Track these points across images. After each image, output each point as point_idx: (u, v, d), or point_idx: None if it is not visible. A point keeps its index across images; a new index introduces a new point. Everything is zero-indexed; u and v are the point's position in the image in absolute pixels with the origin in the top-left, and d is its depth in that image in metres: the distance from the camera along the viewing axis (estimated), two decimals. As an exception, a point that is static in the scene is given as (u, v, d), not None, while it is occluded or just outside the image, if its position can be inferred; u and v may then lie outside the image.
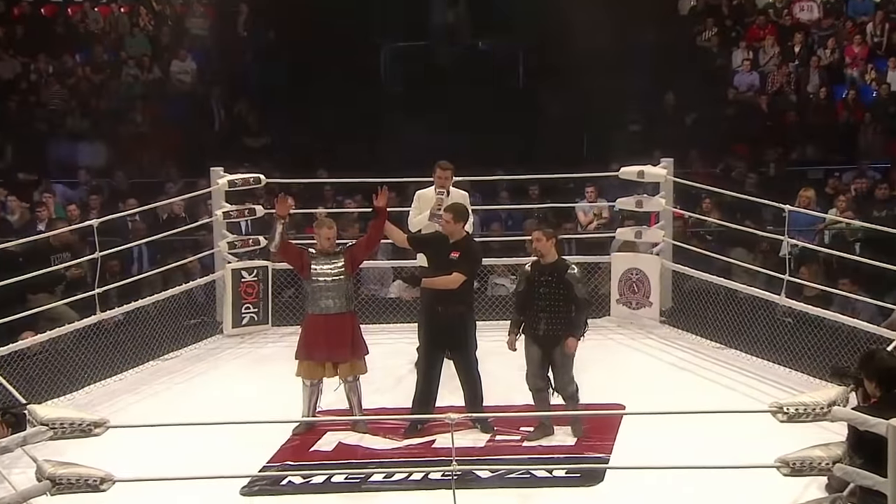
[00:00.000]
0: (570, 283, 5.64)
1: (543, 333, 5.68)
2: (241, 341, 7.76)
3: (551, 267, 5.69)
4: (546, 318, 5.66)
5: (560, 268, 5.69)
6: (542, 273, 5.71)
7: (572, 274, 5.69)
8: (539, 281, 5.70)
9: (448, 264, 5.89)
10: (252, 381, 6.89)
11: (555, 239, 5.72)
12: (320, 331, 5.89)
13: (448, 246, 5.96)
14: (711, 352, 7.32)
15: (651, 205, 7.96)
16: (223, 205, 7.92)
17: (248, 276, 7.88)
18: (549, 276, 5.67)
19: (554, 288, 5.65)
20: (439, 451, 5.64)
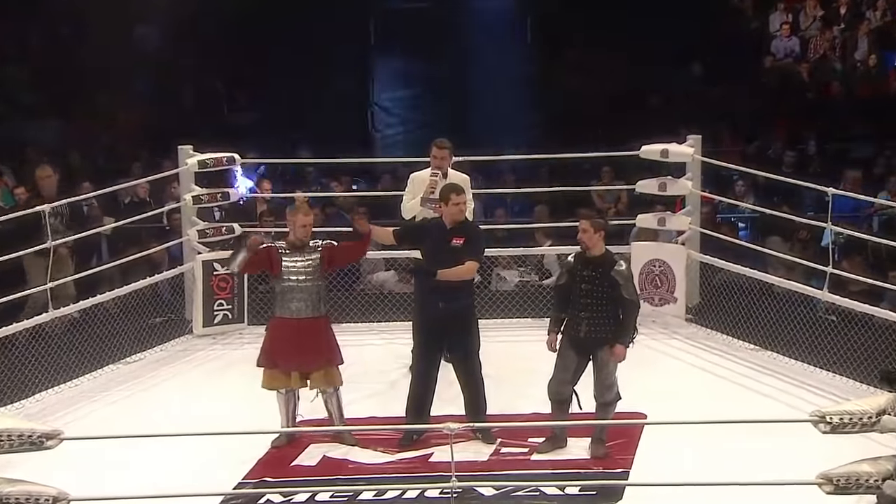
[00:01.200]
0: (615, 282, 5.55)
1: (585, 335, 5.61)
2: (214, 342, 7.75)
3: (597, 261, 5.61)
4: (588, 318, 5.58)
5: (606, 263, 5.60)
6: (586, 267, 5.64)
7: (620, 271, 5.55)
8: (582, 276, 5.63)
9: (452, 253, 5.87)
10: (225, 387, 6.87)
11: (603, 231, 5.66)
12: (288, 336, 5.82)
13: (447, 232, 5.96)
14: (744, 354, 7.31)
15: (676, 188, 7.94)
16: (192, 188, 7.89)
17: (222, 269, 7.85)
18: (594, 270, 5.59)
19: (598, 285, 5.57)
20: (437, 465, 5.63)
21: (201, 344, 7.72)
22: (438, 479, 5.32)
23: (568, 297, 5.67)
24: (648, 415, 6.17)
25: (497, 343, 7.55)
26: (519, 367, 6.84)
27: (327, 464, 5.76)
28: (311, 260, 5.87)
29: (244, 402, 6.54)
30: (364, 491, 5.39)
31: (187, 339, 7.77)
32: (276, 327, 5.92)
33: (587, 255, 5.64)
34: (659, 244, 8.00)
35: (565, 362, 5.65)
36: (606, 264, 5.60)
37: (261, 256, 5.86)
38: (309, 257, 5.87)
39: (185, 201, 7.86)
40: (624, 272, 5.61)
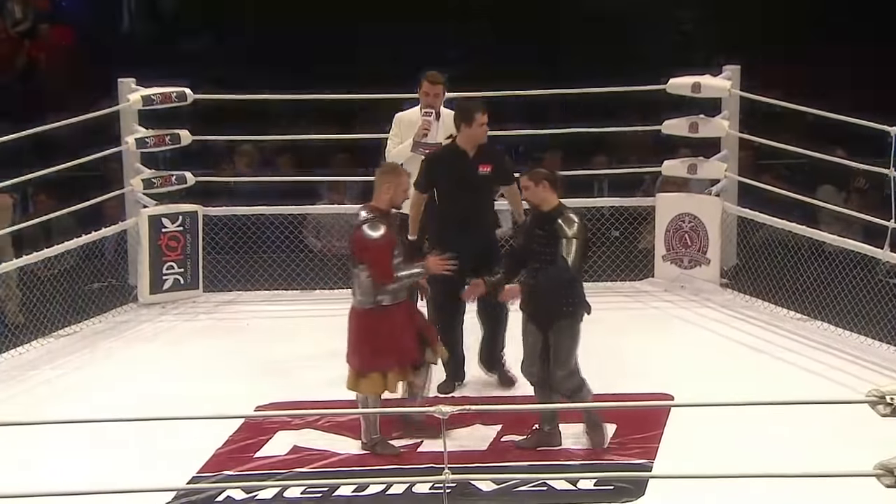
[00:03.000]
0: (556, 237, 5.50)
1: (530, 305, 5.62)
2: (163, 312, 7.74)
3: (547, 217, 5.58)
4: (532, 283, 5.59)
5: (551, 217, 5.56)
6: (536, 224, 5.66)
7: (560, 225, 5.48)
8: (533, 235, 5.66)
9: (482, 184, 6.17)
10: (177, 366, 6.87)
11: (547, 182, 5.59)
12: None
13: (471, 160, 6.14)
14: (790, 325, 7.32)
15: (710, 129, 7.91)
16: (136, 129, 7.83)
17: (171, 226, 7.82)
18: (542, 228, 5.59)
19: (548, 245, 5.54)
20: (427, 455, 5.63)
21: (148, 314, 7.70)
22: (429, 472, 5.32)
23: (522, 260, 5.68)
24: (676, 396, 6.18)
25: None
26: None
27: (298, 454, 5.76)
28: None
29: (199, 382, 6.55)
30: (342, 486, 5.39)
31: (131, 309, 7.75)
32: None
33: (538, 212, 5.64)
34: (689, 195, 7.99)
35: (526, 339, 5.68)
36: (551, 220, 5.56)
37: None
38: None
39: (127, 145, 7.80)
40: (564, 227, 5.49)
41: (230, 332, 7.40)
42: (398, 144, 6.78)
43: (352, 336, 5.73)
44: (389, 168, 5.90)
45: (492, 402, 6.08)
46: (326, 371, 6.44)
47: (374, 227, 5.60)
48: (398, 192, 5.72)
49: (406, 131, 6.76)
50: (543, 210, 5.60)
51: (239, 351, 7.04)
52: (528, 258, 5.68)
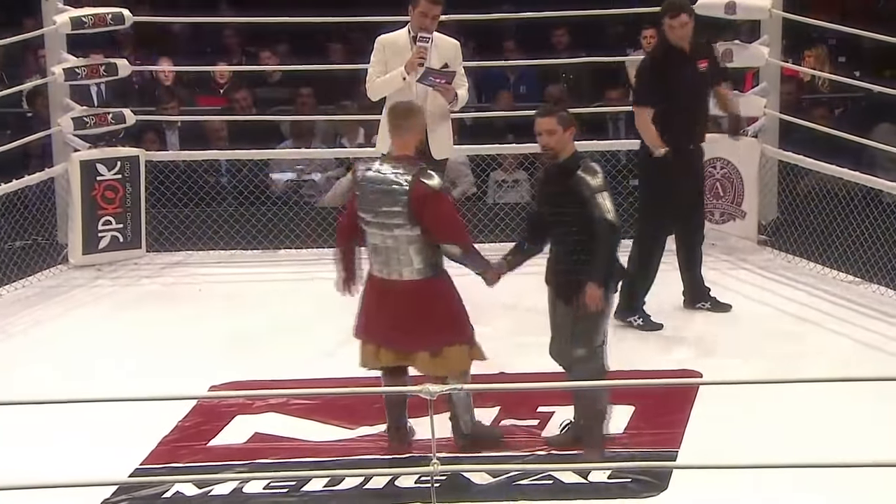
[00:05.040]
0: (580, 194, 5.43)
1: (559, 279, 5.59)
2: (98, 275, 7.77)
3: (561, 171, 5.51)
4: (559, 252, 5.56)
5: (569, 169, 5.49)
6: (549, 180, 5.61)
7: (582, 178, 5.41)
8: (545, 195, 5.63)
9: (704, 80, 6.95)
10: (116, 338, 6.90)
11: (574, 128, 5.57)
12: (374, 300, 5.58)
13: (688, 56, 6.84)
14: (839, 289, 7.37)
15: (746, 57, 7.91)
16: (64, 57, 7.81)
17: (108, 173, 7.83)
18: (557, 184, 5.53)
19: (564, 204, 5.48)
20: (412, 443, 5.66)
21: (81, 277, 7.73)
22: (414, 462, 5.37)
23: (544, 227, 5.63)
24: (704, 374, 6.24)
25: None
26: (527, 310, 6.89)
27: (260, 442, 5.80)
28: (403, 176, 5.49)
29: (143, 358, 6.58)
30: (312, 479, 5.43)
31: (61, 271, 7.78)
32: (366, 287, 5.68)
33: (550, 164, 5.58)
34: (721, 137, 7.99)
35: (554, 317, 5.66)
36: (571, 172, 5.48)
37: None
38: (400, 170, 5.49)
39: (55, 76, 7.79)
40: (587, 179, 5.43)
41: (179, 299, 7.44)
42: (382, 73, 6.79)
43: (414, 314, 5.49)
44: (408, 109, 5.70)
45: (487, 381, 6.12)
46: (293, 345, 6.50)
47: (431, 177, 5.45)
48: (419, 137, 5.63)
49: (392, 58, 6.76)
50: (558, 161, 5.55)
51: (189, 321, 7.07)
52: (549, 223, 5.59)
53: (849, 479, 4.95)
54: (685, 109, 6.80)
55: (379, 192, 5.46)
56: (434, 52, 6.74)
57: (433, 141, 6.87)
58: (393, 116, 5.70)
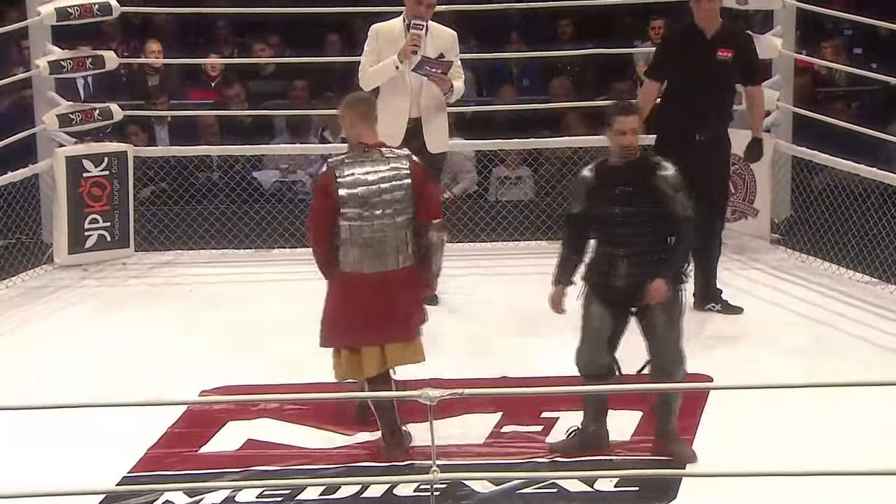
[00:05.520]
0: (664, 194, 5.45)
1: (626, 282, 5.53)
2: (85, 276, 7.78)
3: (636, 168, 5.48)
4: (630, 255, 5.50)
5: (648, 168, 5.50)
6: (620, 180, 5.50)
7: (667, 177, 5.45)
8: (614, 195, 5.49)
9: (719, 70, 6.71)
10: (103, 341, 6.90)
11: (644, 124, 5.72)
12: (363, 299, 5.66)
13: (710, 43, 6.72)
14: (856, 290, 7.37)
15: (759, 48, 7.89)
16: (50, 49, 7.81)
17: (95, 170, 7.83)
18: (632, 184, 5.47)
19: (641, 204, 5.46)
20: (412, 450, 5.66)
21: (67, 278, 7.73)
22: (413, 470, 5.37)
23: (586, 231, 5.61)
24: (715, 378, 6.21)
25: (501, 277, 7.62)
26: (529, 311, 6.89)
27: (253, 448, 5.80)
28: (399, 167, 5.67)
29: (131, 361, 6.57)
30: (307, 488, 5.43)
31: (46, 271, 7.79)
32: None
33: (620, 163, 5.51)
34: (733, 131, 7.96)
35: (596, 323, 5.58)
36: (648, 170, 5.50)
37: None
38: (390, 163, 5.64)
39: (39, 69, 7.79)
40: (672, 177, 5.50)
41: (168, 300, 7.43)
42: (376, 62, 6.81)
43: (407, 301, 5.66)
44: (370, 98, 5.87)
45: (489, 385, 6.11)
46: (287, 348, 6.48)
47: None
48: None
49: (386, 47, 6.79)
50: (630, 160, 5.47)
51: (179, 323, 7.07)
52: (602, 226, 5.52)
53: (863, 487, 4.94)
54: (690, 94, 6.75)
55: (379, 184, 5.54)
56: (429, 41, 6.76)
57: (428, 133, 6.90)
58: (363, 106, 5.70)
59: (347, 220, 5.54)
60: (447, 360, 6.46)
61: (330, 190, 5.55)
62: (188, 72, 9.51)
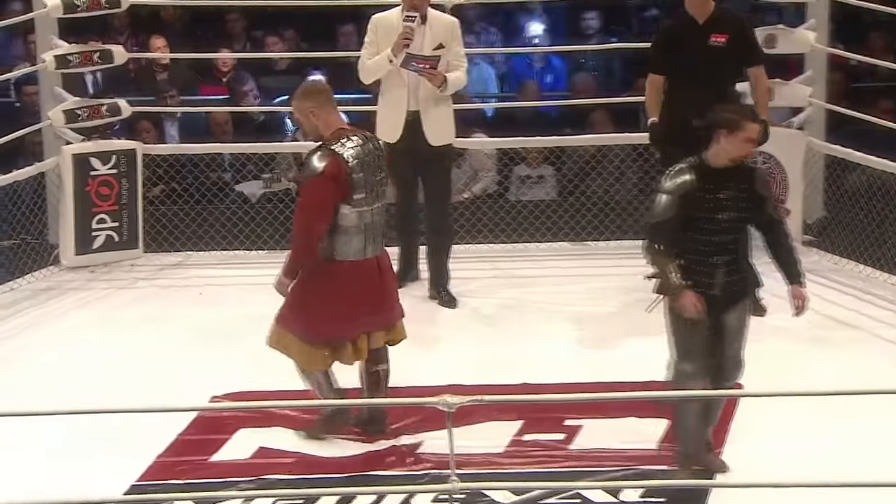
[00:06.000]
0: (762, 195, 5.42)
1: (722, 290, 5.44)
2: (92, 277, 7.79)
3: (739, 171, 5.39)
4: (727, 262, 5.43)
5: (748, 170, 5.44)
6: (726, 184, 5.38)
7: (763, 178, 5.53)
8: (718, 200, 5.37)
9: (712, 55, 6.73)
10: (111, 344, 6.91)
11: None
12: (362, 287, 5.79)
13: (702, 29, 6.74)
14: (890, 293, 7.35)
15: (791, 42, 7.90)
16: (56, 42, 7.83)
17: (102, 168, 7.84)
18: (738, 188, 5.37)
19: (743, 210, 5.39)
20: (429, 458, 5.68)
21: (75, 280, 7.74)
22: (432, 479, 5.38)
23: (682, 236, 5.44)
24: (745, 384, 6.17)
25: (522, 279, 7.61)
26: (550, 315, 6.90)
27: (266, 456, 5.81)
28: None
29: (139, 365, 6.58)
30: (321, 497, 5.44)
31: (52, 273, 7.80)
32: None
33: (726, 166, 5.38)
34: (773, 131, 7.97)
35: (702, 337, 5.44)
36: (750, 173, 5.45)
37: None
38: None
39: (45, 64, 7.81)
40: (764, 177, 5.59)
41: (177, 302, 7.44)
42: (375, 54, 6.85)
43: (392, 282, 5.93)
44: (323, 84, 6.04)
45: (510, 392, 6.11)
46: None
47: None
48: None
49: (384, 38, 6.84)
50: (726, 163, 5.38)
51: (189, 327, 7.08)
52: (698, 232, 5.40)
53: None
54: (689, 84, 6.79)
55: (375, 164, 5.70)
56: (427, 31, 6.81)
57: (428, 126, 6.94)
58: (325, 92, 5.78)
59: (355, 207, 5.64)
60: (465, 366, 6.48)
61: (343, 176, 5.60)
62: (199, 67, 9.53)
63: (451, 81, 6.93)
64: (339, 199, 5.62)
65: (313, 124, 5.69)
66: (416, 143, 7.00)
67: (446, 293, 7.20)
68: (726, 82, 6.94)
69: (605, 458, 5.71)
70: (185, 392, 6.16)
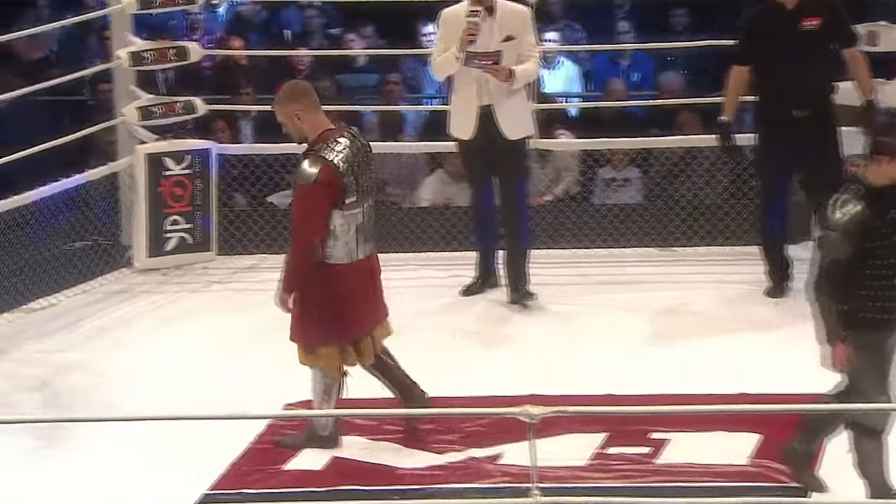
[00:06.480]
0: None
1: None
2: (164, 280, 7.83)
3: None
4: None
5: None
6: (889, 204, 5.24)
7: None
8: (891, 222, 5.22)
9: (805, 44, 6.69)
10: (183, 349, 6.95)
11: None
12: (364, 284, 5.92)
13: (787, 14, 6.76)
14: None
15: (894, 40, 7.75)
16: (131, 40, 7.89)
17: (176, 168, 7.89)
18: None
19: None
20: (510, 471, 5.66)
21: (146, 283, 7.79)
22: (511, 492, 5.34)
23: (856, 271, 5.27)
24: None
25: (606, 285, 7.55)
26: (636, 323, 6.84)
27: (340, 466, 5.81)
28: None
29: (212, 371, 6.61)
30: (395, 510, 5.46)
31: (124, 276, 7.85)
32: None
33: (883, 185, 5.25)
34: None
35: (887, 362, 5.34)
36: None
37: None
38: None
39: (121, 61, 7.86)
40: None
41: (251, 306, 7.43)
42: (445, 50, 6.88)
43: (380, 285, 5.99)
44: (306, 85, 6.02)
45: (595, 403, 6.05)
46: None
47: None
48: None
49: (452, 34, 6.84)
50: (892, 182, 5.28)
51: (262, 332, 7.07)
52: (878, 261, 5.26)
53: None
54: (780, 72, 6.78)
55: (364, 164, 5.77)
56: (493, 25, 6.82)
57: (503, 120, 6.93)
58: (312, 93, 5.83)
59: (346, 210, 5.71)
60: (546, 374, 6.44)
61: (336, 183, 5.67)
62: (276, 64, 9.56)
63: (520, 74, 6.90)
64: (332, 205, 5.69)
65: (299, 127, 5.75)
66: (490, 139, 6.98)
67: (525, 290, 7.15)
68: (822, 68, 6.91)
69: (693, 474, 5.65)
70: (258, 398, 6.17)
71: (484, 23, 6.82)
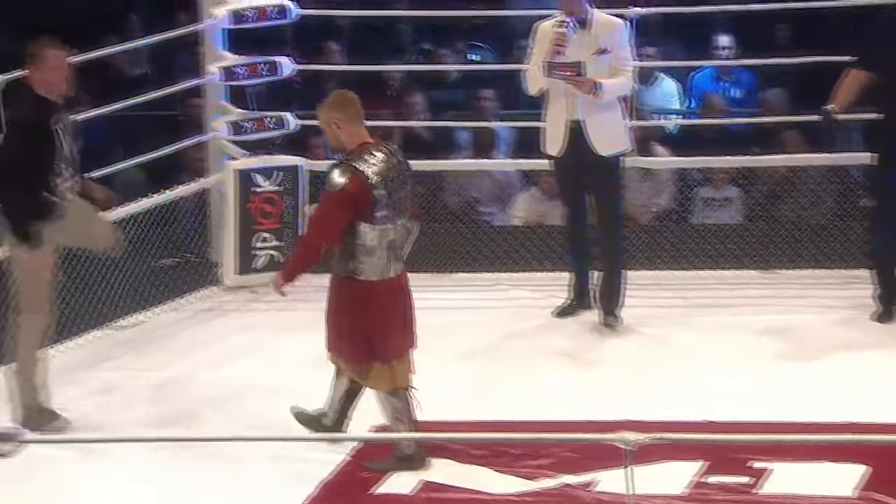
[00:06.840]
0: None
1: None
2: (253, 298, 7.88)
3: None
4: None
5: None
6: None
7: None
8: None
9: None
10: (272, 369, 6.97)
11: None
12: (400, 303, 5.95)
13: None
14: None
15: None
16: (222, 54, 7.94)
17: (266, 184, 7.94)
18: None
19: None
20: (604, 499, 5.61)
21: (235, 301, 7.85)
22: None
23: None
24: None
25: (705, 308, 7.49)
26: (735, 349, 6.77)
27: (430, 491, 5.80)
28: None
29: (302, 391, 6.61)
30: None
31: (213, 294, 7.93)
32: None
33: None
34: None
35: None
36: None
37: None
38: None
39: (213, 76, 7.93)
40: None
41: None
42: (537, 63, 6.92)
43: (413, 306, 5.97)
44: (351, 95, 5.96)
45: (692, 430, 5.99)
46: (471, 381, 6.46)
47: None
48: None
49: (544, 47, 6.83)
50: None
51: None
52: None
53: None
54: None
55: (399, 181, 5.78)
56: (587, 36, 6.76)
57: (594, 135, 6.91)
58: (356, 104, 5.84)
59: (377, 224, 5.71)
60: (641, 399, 6.38)
61: (365, 195, 5.67)
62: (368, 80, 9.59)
63: (607, 87, 6.86)
64: (355, 217, 5.69)
65: (337, 136, 5.79)
66: (580, 155, 6.94)
67: (612, 315, 7.10)
68: None
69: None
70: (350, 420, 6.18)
71: (576, 35, 6.83)
